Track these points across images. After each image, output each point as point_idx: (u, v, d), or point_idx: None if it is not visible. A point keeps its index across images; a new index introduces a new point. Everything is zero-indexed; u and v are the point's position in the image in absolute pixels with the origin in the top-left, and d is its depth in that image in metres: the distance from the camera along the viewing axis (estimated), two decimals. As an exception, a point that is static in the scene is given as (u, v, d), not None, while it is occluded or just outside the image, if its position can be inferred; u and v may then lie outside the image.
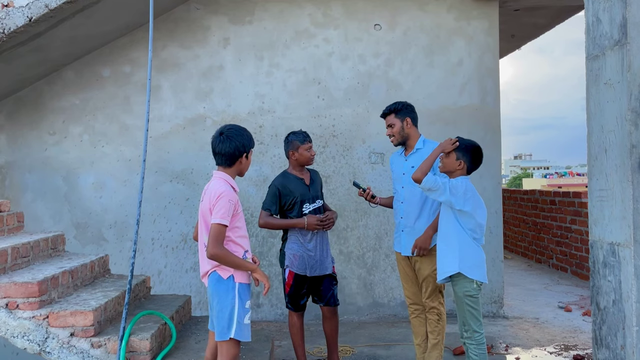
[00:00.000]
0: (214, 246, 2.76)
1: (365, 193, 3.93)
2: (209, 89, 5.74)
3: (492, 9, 5.82)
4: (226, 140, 2.90)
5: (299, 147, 3.90)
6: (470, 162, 3.44)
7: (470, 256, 3.38)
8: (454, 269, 3.35)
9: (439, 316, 3.76)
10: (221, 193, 2.83)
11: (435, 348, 3.79)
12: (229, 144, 2.89)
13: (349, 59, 5.79)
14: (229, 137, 2.90)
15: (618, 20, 2.83)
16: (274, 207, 3.89)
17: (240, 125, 3.03)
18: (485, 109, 5.81)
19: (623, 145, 2.81)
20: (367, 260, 5.75)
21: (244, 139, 2.94)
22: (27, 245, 3.73)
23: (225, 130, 2.94)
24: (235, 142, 2.90)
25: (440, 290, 3.78)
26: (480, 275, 3.39)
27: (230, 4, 5.76)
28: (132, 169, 5.66)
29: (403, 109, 3.82)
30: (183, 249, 5.69)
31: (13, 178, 5.65)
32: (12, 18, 4.31)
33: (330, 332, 4.01)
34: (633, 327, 2.78)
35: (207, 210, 2.87)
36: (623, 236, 2.84)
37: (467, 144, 3.47)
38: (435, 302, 3.75)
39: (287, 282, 3.91)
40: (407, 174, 3.81)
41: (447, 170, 3.52)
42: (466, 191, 3.34)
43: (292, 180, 3.93)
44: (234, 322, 2.82)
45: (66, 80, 5.67)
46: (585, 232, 7.52)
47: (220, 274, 2.86)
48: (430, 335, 3.80)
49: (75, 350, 3.10)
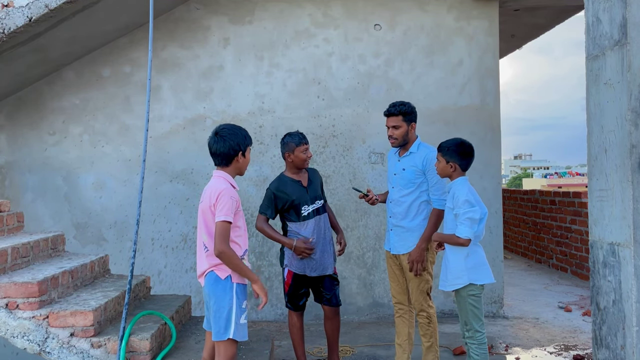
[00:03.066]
0: (221, 243, 2.78)
1: (368, 197, 3.93)
2: (209, 89, 5.74)
3: (492, 9, 5.82)
4: (220, 140, 2.92)
5: (294, 149, 3.86)
6: (460, 160, 3.41)
7: (477, 262, 3.38)
8: (463, 281, 3.34)
9: (429, 319, 3.75)
10: (221, 191, 2.84)
11: (430, 350, 3.79)
12: (224, 144, 2.91)
13: (349, 59, 5.79)
14: (222, 137, 2.92)
15: (618, 20, 2.83)
16: (270, 211, 3.87)
17: (236, 124, 3.04)
18: (485, 109, 5.81)
19: (623, 145, 2.81)
20: (367, 260, 5.75)
21: (239, 137, 2.95)
22: (27, 245, 3.73)
23: (220, 130, 2.95)
24: (230, 141, 2.91)
25: (428, 292, 3.77)
26: (488, 276, 3.39)
27: (230, 4, 5.76)
28: (132, 169, 5.66)
29: (411, 113, 3.77)
30: (183, 249, 5.69)
31: (13, 178, 5.65)
32: (12, 18, 4.31)
33: (331, 332, 4.01)
34: (633, 327, 2.78)
35: (207, 209, 2.88)
36: (623, 236, 2.84)
37: (449, 145, 3.44)
38: (424, 305, 3.74)
39: (286, 281, 3.91)
40: (398, 174, 3.82)
41: (444, 176, 3.52)
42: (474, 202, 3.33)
43: (288, 183, 3.89)
44: (232, 322, 2.82)
45: (66, 80, 5.67)
46: (585, 232, 7.52)
47: (218, 274, 2.86)
48: (423, 338, 3.79)
49: (75, 350, 3.10)
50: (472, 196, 3.35)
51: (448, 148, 3.43)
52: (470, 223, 3.27)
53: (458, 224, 3.30)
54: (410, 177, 3.75)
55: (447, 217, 3.46)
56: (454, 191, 3.39)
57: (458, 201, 3.32)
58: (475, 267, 3.35)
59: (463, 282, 3.33)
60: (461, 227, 3.28)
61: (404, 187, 3.77)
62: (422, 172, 3.72)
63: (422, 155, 3.72)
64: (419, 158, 3.72)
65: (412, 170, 3.74)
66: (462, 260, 3.34)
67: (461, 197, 3.31)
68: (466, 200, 3.30)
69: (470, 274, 3.33)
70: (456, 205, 3.33)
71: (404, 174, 3.77)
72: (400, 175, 3.80)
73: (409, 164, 3.76)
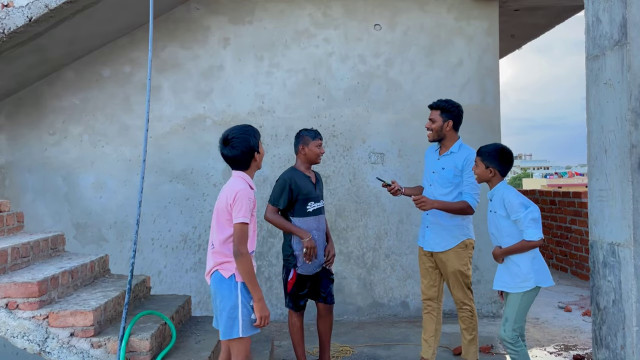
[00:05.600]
0: (240, 245, 2.80)
1: (390, 187, 3.93)
2: (209, 89, 5.74)
3: (492, 9, 5.82)
4: (232, 149, 2.91)
5: (310, 142, 3.93)
6: (500, 166, 3.39)
7: (541, 265, 3.34)
8: (531, 284, 3.29)
9: (471, 312, 3.85)
10: (238, 191, 2.84)
11: (472, 343, 3.89)
12: (237, 150, 2.90)
13: (349, 59, 5.79)
14: (233, 146, 2.90)
15: (618, 20, 2.83)
16: (282, 200, 3.86)
17: (239, 124, 3.04)
18: (485, 109, 5.81)
19: (623, 145, 2.81)
20: (367, 260, 5.75)
21: (249, 138, 2.93)
22: (27, 245, 3.73)
23: (229, 137, 2.92)
24: (242, 147, 2.91)
25: (469, 286, 3.84)
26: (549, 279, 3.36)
27: (230, 4, 5.76)
28: (132, 169, 5.66)
29: (450, 110, 3.86)
30: (183, 249, 5.69)
31: (13, 178, 5.65)
32: (12, 18, 4.31)
33: (324, 330, 4.03)
34: (633, 327, 2.78)
35: (223, 208, 2.87)
36: (623, 236, 2.84)
37: (490, 149, 3.41)
38: (466, 299, 3.83)
39: (289, 281, 3.91)
40: (437, 173, 3.89)
41: (482, 181, 3.48)
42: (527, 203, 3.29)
43: (300, 176, 3.93)
44: (239, 320, 2.82)
45: (66, 80, 5.67)
46: (585, 232, 7.52)
47: (222, 273, 2.87)
48: (465, 332, 3.89)
49: (75, 350, 3.10)
50: (522, 198, 3.32)
51: (488, 153, 3.40)
52: (535, 224, 3.24)
53: (523, 228, 3.26)
54: (449, 176, 3.82)
55: (502, 224, 3.37)
56: (502, 197, 3.32)
57: (512, 206, 3.27)
58: (540, 270, 3.33)
59: (530, 285, 3.29)
60: (529, 231, 3.24)
61: (442, 186, 3.85)
62: (460, 172, 3.80)
63: (463, 155, 3.80)
64: (460, 158, 3.80)
65: (452, 170, 3.80)
66: (529, 263, 3.30)
67: (514, 201, 3.27)
68: (520, 202, 3.27)
69: (537, 277, 3.30)
70: (511, 210, 3.28)
71: (443, 172, 3.85)
72: (439, 174, 3.87)
73: (449, 163, 3.82)
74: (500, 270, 3.44)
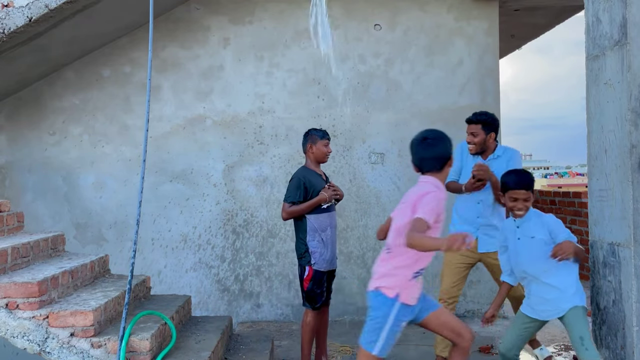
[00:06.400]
0: (411, 236, 2.55)
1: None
2: (209, 89, 5.74)
3: (492, 9, 5.82)
4: (430, 146, 2.85)
5: (318, 141, 4.01)
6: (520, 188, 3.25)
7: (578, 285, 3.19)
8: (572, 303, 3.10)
9: None
10: (429, 191, 2.75)
11: None
12: (434, 149, 2.85)
13: (349, 59, 5.79)
14: (431, 144, 2.85)
15: (618, 20, 2.83)
16: (298, 197, 3.90)
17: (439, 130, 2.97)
18: (485, 109, 5.70)
19: (623, 145, 2.81)
20: (367, 260, 5.75)
21: (446, 142, 2.88)
22: (27, 245, 3.73)
23: (429, 136, 2.88)
24: (439, 147, 2.85)
25: None
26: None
27: (230, 4, 5.75)
28: (132, 169, 5.66)
29: (492, 123, 3.98)
30: (183, 249, 5.69)
31: (13, 178, 5.65)
32: (12, 18, 4.31)
33: (322, 328, 4.10)
34: (633, 327, 2.78)
35: (406, 208, 2.76)
36: (623, 236, 2.84)
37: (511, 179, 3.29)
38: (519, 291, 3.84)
39: (305, 277, 3.94)
40: None
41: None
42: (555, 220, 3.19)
43: (312, 174, 4.02)
44: (381, 338, 2.79)
45: (66, 80, 5.67)
46: (585, 232, 7.51)
47: (386, 293, 2.83)
48: None
49: (75, 351, 3.10)
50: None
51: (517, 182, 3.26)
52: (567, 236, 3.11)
53: (559, 233, 3.10)
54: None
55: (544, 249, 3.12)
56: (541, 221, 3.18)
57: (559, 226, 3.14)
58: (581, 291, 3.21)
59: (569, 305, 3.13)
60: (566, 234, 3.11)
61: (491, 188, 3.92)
62: None
63: (508, 156, 3.96)
64: (505, 160, 3.93)
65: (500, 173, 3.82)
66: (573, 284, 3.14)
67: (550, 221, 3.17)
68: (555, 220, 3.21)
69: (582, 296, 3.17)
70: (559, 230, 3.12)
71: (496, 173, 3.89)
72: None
73: (496, 167, 3.88)
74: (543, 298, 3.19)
